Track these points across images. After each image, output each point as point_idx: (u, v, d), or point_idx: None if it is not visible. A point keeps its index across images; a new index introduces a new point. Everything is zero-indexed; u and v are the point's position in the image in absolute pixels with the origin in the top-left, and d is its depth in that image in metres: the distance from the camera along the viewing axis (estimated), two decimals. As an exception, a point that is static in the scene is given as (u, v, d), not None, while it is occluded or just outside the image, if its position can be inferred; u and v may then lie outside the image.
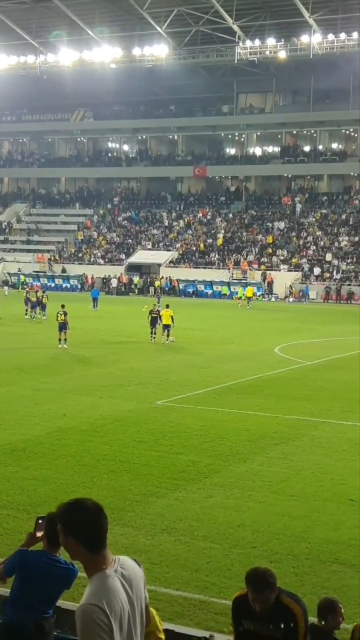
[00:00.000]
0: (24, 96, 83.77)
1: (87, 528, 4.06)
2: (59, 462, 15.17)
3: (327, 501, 13.17)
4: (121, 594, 4.05)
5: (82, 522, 4.06)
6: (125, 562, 4.22)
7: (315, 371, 27.48)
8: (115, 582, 4.06)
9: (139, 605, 4.20)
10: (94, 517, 4.09)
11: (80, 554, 4.10)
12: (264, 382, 25.09)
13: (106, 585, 4.02)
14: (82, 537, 4.05)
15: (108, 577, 4.05)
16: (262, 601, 5.12)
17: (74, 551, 4.13)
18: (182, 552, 10.86)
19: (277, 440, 17.31)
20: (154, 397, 22.01)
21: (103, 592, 3.99)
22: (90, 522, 4.07)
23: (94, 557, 4.07)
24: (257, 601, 5.13)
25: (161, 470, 14.75)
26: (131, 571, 4.21)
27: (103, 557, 4.09)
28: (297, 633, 5.12)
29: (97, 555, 4.07)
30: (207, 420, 19.12)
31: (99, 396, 22.03)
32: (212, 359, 29.89)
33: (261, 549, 11.03)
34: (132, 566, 4.26)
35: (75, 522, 4.08)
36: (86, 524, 4.06)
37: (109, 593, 4.00)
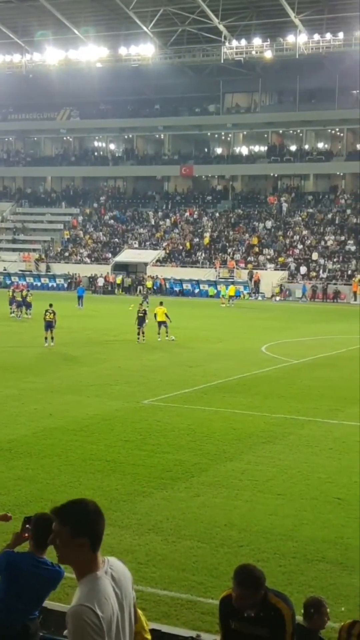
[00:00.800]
0: (10, 95, 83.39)
1: (95, 527, 4.05)
2: (45, 462, 15.11)
3: (314, 500, 13.17)
4: (112, 595, 4.03)
5: (91, 522, 4.05)
6: (114, 563, 4.20)
7: (302, 370, 27.52)
8: (106, 583, 4.04)
9: (128, 606, 4.18)
10: (98, 515, 4.10)
11: (82, 555, 4.03)
12: (250, 380, 25.09)
13: (97, 587, 3.99)
14: (91, 537, 4.03)
15: (99, 579, 4.02)
16: (243, 597, 5.05)
17: (78, 552, 4.03)
18: (169, 551, 10.84)
19: (264, 439, 17.31)
20: (141, 396, 21.96)
21: (95, 594, 3.96)
22: (97, 521, 4.08)
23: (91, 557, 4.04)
24: (242, 598, 5.08)
25: (148, 469, 14.71)
26: (120, 572, 4.19)
27: (96, 558, 4.07)
28: (284, 632, 5.09)
29: (95, 555, 4.05)
30: (193, 419, 19.10)
31: (86, 395, 21.97)
32: (198, 358, 29.87)
33: (248, 548, 11.02)
34: (121, 567, 4.24)
35: (85, 522, 4.04)
36: (94, 524, 4.06)
37: (101, 595, 3.97)
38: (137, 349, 32.34)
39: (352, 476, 14.48)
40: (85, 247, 78.75)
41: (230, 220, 77.45)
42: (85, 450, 16.02)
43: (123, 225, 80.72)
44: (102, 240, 79.35)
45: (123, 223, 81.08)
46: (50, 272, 74.56)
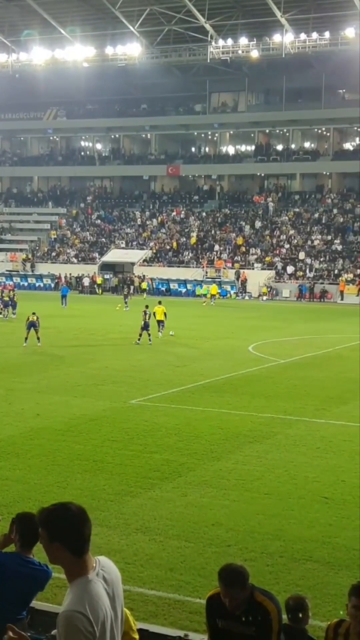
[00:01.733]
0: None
1: (73, 532, 3.97)
2: (32, 462, 15.09)
3: (301, 499, 13.21)
4: (104, 598, 3.99)
5: (68, 526, 3.97)
6: (105, 564, 4.14)
7: (289, 369, 27.58)
8: (98, 586, 3.99)
9: (120, 607, 4.15)
10: (79, 520, 4.01)
11: (65, 559, 3.99)
12: (238, 380, 25.13)
13: (89, 590, 3.94)
14: (68, 542, 3.95)
15: (90, 582, 3.97)
16: (231, 596, 5.09)
17: (59, 556, 4.01)
18: (156, 551, 10.85)
19: (251, 439, 17.35)
20: (128, 396, 21.96)
21: (86, 598, 3.91)
22: (76, 526, 3.99)
23: (78, 561, 3.98)
24: (227, 596, 5.12)
25: (135, 469, 14.72)
26: (112, 573, 4.15)
27: (85, 561, 4.01)
28: (270, 630, 5.11)
29: (80, 559, 3.99)
30: (181, 419, 19.12)
31: (73, 395, 21.95)
32: (186, 358, 29.90)
33: (235, 547, 11.05)
34: (112, 567, 4.19)
35: (61, 527, 3.97)
36: (72, 529, 3.97)
37: (92, 599, 3.93)
38: (124, 349, 32.29)
39: (339, 475, 14.54)
40: (72, 247, 78.62)
41: (217, 219, 77.50)
42: (72, 450, 16.00)
43: (110, 225, 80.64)
44: (89, 240, 79.23)
45: (110, 223, 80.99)
46: (35, 272, 74.40)
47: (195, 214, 78.96)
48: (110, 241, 78.00)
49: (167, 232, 77.17)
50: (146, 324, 33.64)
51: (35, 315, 32.84)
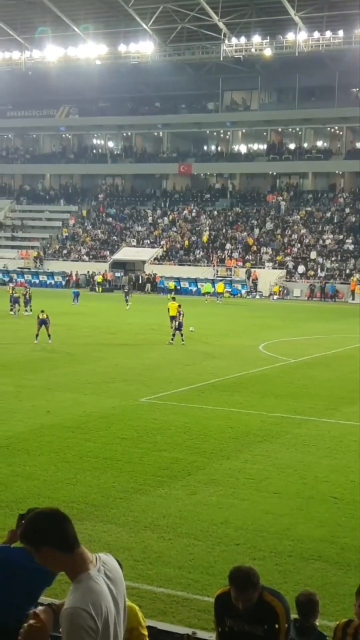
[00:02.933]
0: (9, 92, 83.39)
1: (55, 532, 3.98)
2: (42, 459, 15.12)
3: (310, 499, 13.19)
4: (107, 595, 3.98)
5: (47, 529, 3.99)
6: (106, 560, 4.15)
7: (299, 369, 27.54)
8: (101, 583, 3.99)
9: (122, 603, 4.15)
10: (55, 519, 4.03)
11: (59, 560, 4.00)
12: (247, 379, 25.11)
13: (91, 587, 3.94)
14: (54, 543, 3.97)
15: (92, 578, 3.96)
16: (245, 600, 5.11)
17: (52, 560, 4.02)
18: (165, 549, 10.85)
19: (260, 438, 17.33)
20: (138, 394, 21.98)
21: (89, 595, 3.91)
22: (55, 524, 4.00)
23: (72, 557, 3.98)
24: (240, 600, 5.12)
25: (145, 467, 14.73)
26: (113, 569, 4.15)
27: (81, 556, 4.01)
28: (278, 630, 5.12)
29: (73, 554, 3.99)
30: (190, 418, 19.11)
31: (83, 393, 21.98)
32: (196, 356, 29.90)
33: (244, 546, 11.04)
34: (114, 564, 4.20)
35: (41, 531, 4.00)
36: (52, 527, 3.99)
37: (95, 595, 3.92)
38: (134, 347, 32.31)
39: (348, 475, 14.51)
40: (83, 245, 78.72)
41: (229, 218, 77.42)
42: (82, 447, 16.03)
43: (121, 223, 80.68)
44: (100, 238, 79.31)
45: (121, 221, 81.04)
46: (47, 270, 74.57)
47: (207, 213, 78.90)
48: (122, 239, 78.06)
49: (178, 230, 77.15)
50: (180, 323, 33.35)
51: (45, 313, 32.96)
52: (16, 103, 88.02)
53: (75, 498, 12.69)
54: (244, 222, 76.29)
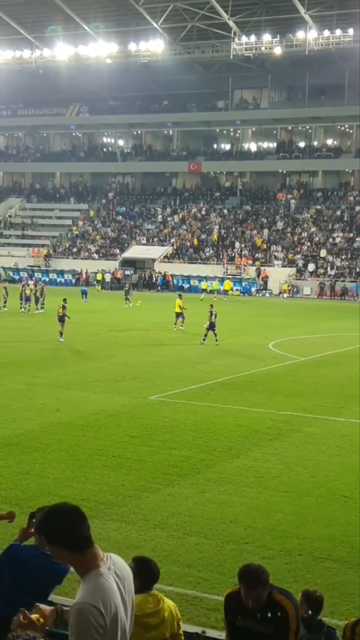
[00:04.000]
0: (20, 91, 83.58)
1: (68, 533, 4.00)
2: (52, 457, 15.15)
3: (320, 497, 13.16)
4: (116, 593, 4.01)
5: (62, 529, 4.01)
6: (116, 560, 4.17)
7: (309, 367, 27.49)
8: (111, 580, 4.01)
9: (130, 603, 4.17)
10: (71, 521, 4.04)
11: (69, 558, 4.05)
12: (257, 377, 25.08)
13: (101, 584, 3.97)
14: (66, 541, 4.00)
15: (102, 576, 3.99)
16: (255, 597, 5.11)
17: (62, 556, 4.07)
18: (175, 547, 10.85)
19: (270, 436, 17.31)
20: (148, 392, 21.99)
21: (99, 592, 3.93)
22: (70, 526, 4.02)
23: (83, 557, 4.01)
24: (249, 597, 5.12)
25: (154, 465, 14.74)
26: (123, 570, 4.17)
27: (92, 555, 4.03)
28: (288, 629, 5.12)
29: (84, 554, 4.01)
30: (200, 416, 19.11)
31: (93, 391, 22.01)
32: (205, 355, 29.89)
33: (254, 544, 11.03)
34: (124, 565, 4.22)
35: (55, 530, 4.03)
36: (66, 530, 4.01)
37: (105, 592, 3.95)
38: (143, 345, 32.32)
39: (358, 474, 14.45)
40: (93, 243, 78.81)
41: (238, 216, 77.35)
42: (91, 445, 16.05)
43: (131, 221, 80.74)
44: (110, 236, 79.39)
45: (131, 219, 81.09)
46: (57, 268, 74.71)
47: (217, 211, 78.87)
48: (131, 237, 78.10)
49: (188, 228, 77.13)
50: (212, 323, 33.09)
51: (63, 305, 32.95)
52: (27, 101, 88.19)
53: (85, 496, 12.71)
54: (254, 220, 76.21)
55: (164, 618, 5.78)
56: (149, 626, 5.61)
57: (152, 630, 5.67)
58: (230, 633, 5.40)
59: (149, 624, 5.64)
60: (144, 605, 5.66)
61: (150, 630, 5.65)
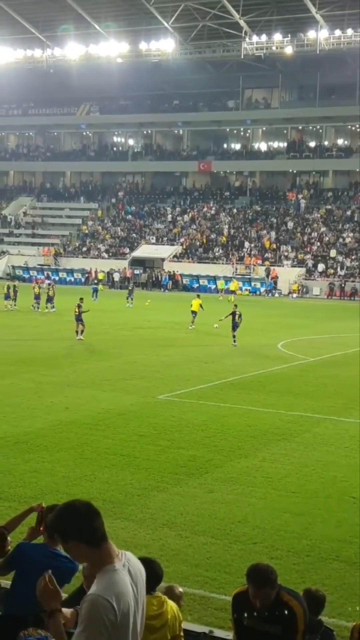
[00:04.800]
0: (31, 90, 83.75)
1: (83, 527, 4.03)
2: (60, 455, 15.17)
3: (328, 498, 13.14)
4: (129, 590, 4.02)
5: (77, 524, 4.04)
6: (130, 558, 4.19)
7: (318, 368, 27.44)
8: (125, 577, 4.04)
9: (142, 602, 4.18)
10: (85, 516, 4.07)
11: (85, 554, 4.07)
12: (266, 377, 25.06)
13: (115, 579, 3.98)
14: (83, 536, 4.02)
15: (117, 572, 4.01)
16: (263, 597, 5.10)
17: (78, 553, 4.10)
18: (183, 546, 10.85)
19: (278, 437, 17.29)
20: (156, 391, 21.99)
21: (114, 587, 3.95)
22: (84, 521, 4.04)
23: (99, 551, 4.04)
24: (257, 597, 5.12)
25: (162, 464, 14.74)
26: (136, 568, 4.19)
27: (107, 550, 4.06)
28: (296, 630, 5.11)
29: (101, 549, 4.04)
30: (208, 415, 19.10)
31: (101, 390, 22.03)
32: (214, 354, 29.87)
33: (262, 545, 11.02)
34: (138, 563, 4.24)
35: (70, 526, 4.05)
36: (82, 522, 4.03)
37: (119, 589, 3.96)
38: (152, 345, 32.31)
39: (367, 475, 14.43)
40: (103, 242, 78.90)
41: (248, 216, 77.29)
42: (100, 444, 16.07)
43: (141, 220, 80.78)
44: (119, 236, 79.46)
45: (141, 218, 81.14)
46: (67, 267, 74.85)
47: (226, 211, 78.82)
48: (141, 237, 78.15)
49: (197, 228, 77.13)
50: (235, 324, 32.83)
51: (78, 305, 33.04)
52: (37, 101, 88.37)
53: (93, 495, 12.71)
54: (264, 220, 76.13)
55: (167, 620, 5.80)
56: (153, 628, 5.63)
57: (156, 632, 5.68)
58: (238, 633, 5.40)
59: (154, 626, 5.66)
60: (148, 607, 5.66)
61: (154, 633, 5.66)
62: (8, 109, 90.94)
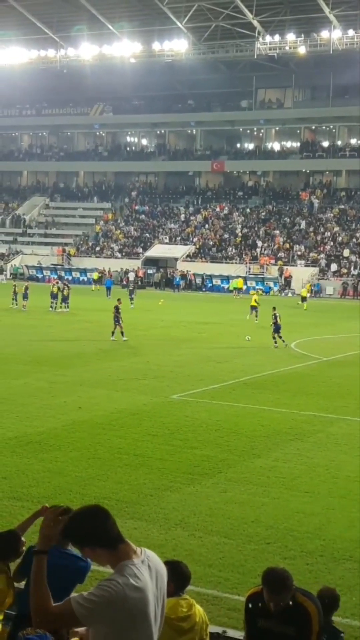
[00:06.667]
0: (44, 90, 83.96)
1: (96, 533, 4.07)
2: (73, 455, 15.19)
3: (342, 498, 13.09)
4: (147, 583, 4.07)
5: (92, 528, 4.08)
6: (150, 555, 4.24)
7: (332, 367, 27.36)
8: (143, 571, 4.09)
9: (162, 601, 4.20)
10: (99, 518, 4.10)
11: (103, 556, 4.12)
12: (279, 377, 25.01)
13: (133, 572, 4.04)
14: (96, 543, 4.07)
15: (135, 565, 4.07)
16: (278, 602, 5.08)
17: (96, 557, 4.16)
18: (196, 546, 10.84)
19: (292, 436, 17.25)
20: (169, 391, 21.99)
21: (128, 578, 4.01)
22: (99, 524, 4.08)
23: (116, 553, 4.09)
24: (272, 601, 5.10)
25: (175, 464, 14.73)
26: (158, 566, 4.24)
27: (124, 550, 4.11)
28: (310, 631, 5.09)
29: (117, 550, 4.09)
30: (222, 415, 19.09)
31: (114, 389, 22.05)
32: (227, 354, 29.84)
33: (275, 545, 10.99)
34: (158, 561, 4.30)
35: (83, 533, 4.10)
36: (96, 527, 4.08)
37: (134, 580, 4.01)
38: (166, 344, 32.31)
39: (381, 475, 14.37)
40: (116, 242, 78.98)
41: (261, 216, 77.19)
42: (113, 443, 16.08)
43: (154, 220, 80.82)
44: (133, 235, 79.51)
45: (154, 218, 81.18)
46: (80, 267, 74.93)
47: (239, 210, 78.73)
48: (154, 236, 78.18)
49: (210, 228, 77.09)
50: (277, 326, 32.55)
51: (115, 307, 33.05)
52: (51, 101, 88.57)
53: (106, 494, 12.72)
54: (277, 219, 76.00)
55: (195, 623, 5.82)
56: (181, 630, 5.66)
57: (184, 634, 5.71)
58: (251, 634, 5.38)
59: (182, 627, 5.68)
60: (177, 608, 5.71)
61: (183, 634, 5.69)
62: (22, 109, 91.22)
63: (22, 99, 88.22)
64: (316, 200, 76.08)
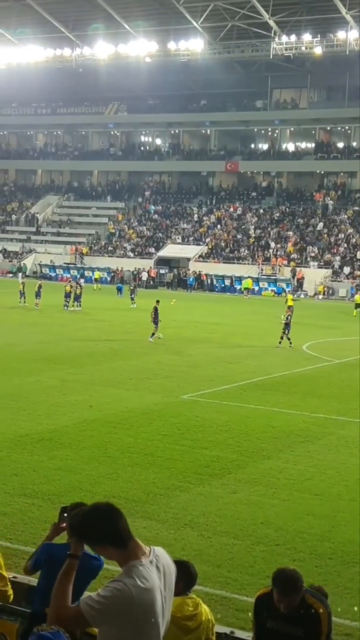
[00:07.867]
0: (59, 89, 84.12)
1: (108, 531, 4.09)
2: (84, 453, 15.24)
3: (352, 501, 13.07)
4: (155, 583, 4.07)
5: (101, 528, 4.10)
6: (160, 554, 4.24)
7: (343, 370, 27.30)
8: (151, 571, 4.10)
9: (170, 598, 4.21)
10: (109, 518, 4.12)
11: (113, 554, 4.15)
12: (290, 379, 24.98)
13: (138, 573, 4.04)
14: (107, 541, 4.10)
15: (143, 566, 4.08)
16: (287, 603, 5.08)
17: (107, 554, 4.21)
18: (205, 547, 10.85)
19: (302, 438, 17.23)
20: (180, 391, 22.01)
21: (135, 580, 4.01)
22: (111, 522, 4.10)
23: (126, 551, 4.11)
24: (282, 602, 5.09)
25: (185, 464, 14.75)
26: (167, 565, 4.24)
27: (134, 549, 4.12)
28: (320, 632, 5.08)
29: (127, 549, 4.11)
30: (232, 416, 19.09)
31: (126, 389, 22.09)
32: (238, 355, 29.82)
33: (284, 547, 10.99)
34: (168, 560, 4.29)
35: (95, 531, 4.12)
36: (105, 529, 4.10)
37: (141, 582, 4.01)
38: (177, 344, 32.32)
39: (391, 479, 14.33)
40: (129, 242, 79.05)
41: (275, 217, 77.05)
42: (123, 442, 16.11)
43: (167, 220, 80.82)
44: (145, 235, 79.55)
45: (167, 218, 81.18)
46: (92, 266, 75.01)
47: (253, 211, 78.62)
48: (167, 236, 78.19)
49: (223, 228, 77.03)
50: (287, 325, 32.55)
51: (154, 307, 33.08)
52: (66, 100, 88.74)
53: (116, 493, 12.76)
54: (290, 220, 75.85)
55: (201, 622, 5.83)
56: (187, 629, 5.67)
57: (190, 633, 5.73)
58: (260, 634, 5.37)
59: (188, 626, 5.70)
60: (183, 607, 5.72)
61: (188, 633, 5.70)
62: (37, 107, 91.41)
63: (38, 98, 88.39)
64: (330, 202, 75.86)
